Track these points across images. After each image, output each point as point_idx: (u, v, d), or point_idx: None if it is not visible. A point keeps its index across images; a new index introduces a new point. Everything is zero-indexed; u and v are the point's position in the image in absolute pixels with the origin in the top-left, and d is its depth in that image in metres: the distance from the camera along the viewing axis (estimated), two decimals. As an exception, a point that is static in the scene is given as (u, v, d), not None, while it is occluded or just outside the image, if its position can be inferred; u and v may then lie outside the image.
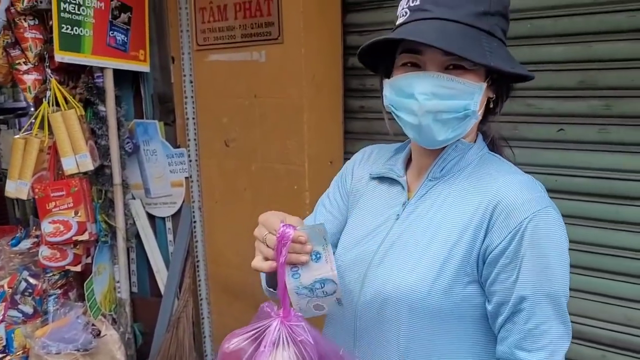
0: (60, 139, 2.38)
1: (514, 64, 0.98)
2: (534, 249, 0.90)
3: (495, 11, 0.96)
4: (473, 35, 0.94)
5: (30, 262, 2.67)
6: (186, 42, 2.57)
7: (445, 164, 1.04)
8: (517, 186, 0.96)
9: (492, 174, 1.00)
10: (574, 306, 1.93)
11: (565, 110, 1.89)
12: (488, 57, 0.93)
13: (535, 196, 0.94)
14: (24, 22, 2.35)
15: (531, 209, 0.91)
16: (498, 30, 0.97)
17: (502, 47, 0.99)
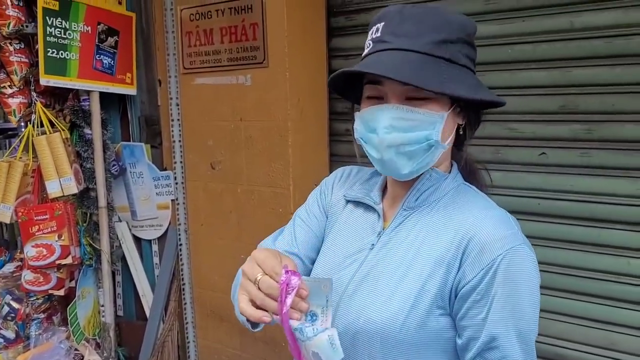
0: (44, 163, 2.37)
1: (478, 90, 0.97)
2: (505, 287, 0.89)
3: (456, 38, 0.96)
4: (432, 64, 0.93)
5: (13, 286, 2.64)
6: (173, 65, 2.58)
7: (420, 194, 1.03)
8: (492, 222, 0.95)
9: (468, 207, 0.99)
10: (555, 329, 1.95)
11: (547, 134, 1.91)
12: (444, 85, 0.92)
13: (509, 233, 0.93)
14: (9, 45, 2.35)
15: (505, 246, 0.90)
16: (461, 57, 0.96)
17: (467, 74, 0.97)
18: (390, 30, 0.96)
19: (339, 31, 2.34)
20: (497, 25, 1.95)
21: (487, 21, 1.96)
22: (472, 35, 0.99)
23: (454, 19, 0.97)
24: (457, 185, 1.05)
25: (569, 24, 1.84)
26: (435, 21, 0.95)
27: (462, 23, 0.97)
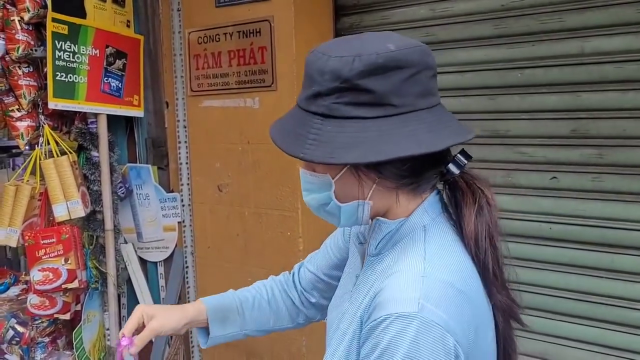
0: (51, 186, 2.36)
1: (351, 149, 0.84)
2: (375, 350, 0.81)
3: (328, 89, 0.85)
4: (305, 122, 0.88)
5: (18, 310, 2.61)
6: (180, 87, 2.58)
7: (377, 242, 0.96)
8: (400, 281, 0.85)
9: (399, 261, 0.90)
10: (569, 356, 1.92)
11: (558, 158, 1.90)
12: (305, 148, 0.85)
13: (405, 297, 0.82)
14: (18, 69, 2.35)
15: (392, 309, 0.81)
16: (341, 108, 0.85)
17: (350, 126, 0.85)
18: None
19: (347, 54, 2.33)
20: (507, 49, 1.95)
21: (497, 45, 1.97)
22: (353, 78, 0.84)
23: (329, 66, 0.85)
24: (418, 226, 0.94)
25: (579, 49, 1.84)
26: (313, 71, 0.88)
27: (335, 70, 0.85)
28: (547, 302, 1.96)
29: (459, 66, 2.05)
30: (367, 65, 0.83)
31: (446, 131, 0.88)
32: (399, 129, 0.84)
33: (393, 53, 0.84)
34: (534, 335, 1.99)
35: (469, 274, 0.88)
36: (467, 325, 0.83)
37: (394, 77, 0.84)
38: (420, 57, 0.87)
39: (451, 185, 0.95)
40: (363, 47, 0.85)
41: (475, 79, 2.03)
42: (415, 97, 0.86)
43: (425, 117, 0.86)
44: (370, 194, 0.91)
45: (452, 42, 2.06)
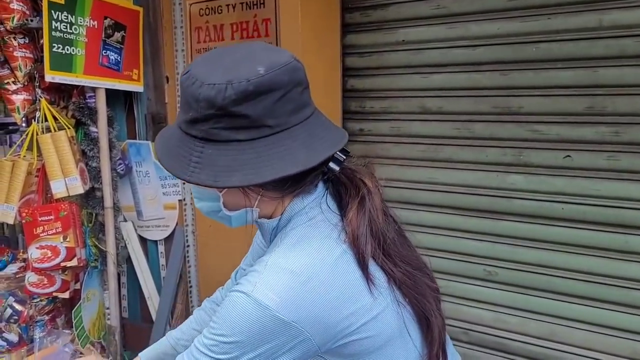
0: (49, 162, 2.30)
1: (232, 174, 0.90)
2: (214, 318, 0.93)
3: (208, 115, 0.89)
4: (186, 144, 0.93)
5: (16, 288, 2.57)
6: (181, 61, 2.51)
7: (269, 240, 1.05)
8: (265, 257, 0.95)
9: (274, 250, 0.97)
10: (577, 337, 1.89)
11: (572, 136, 1.84)
12: (190, 171, 0.91)
13: (255, 279, 0.90)
14: (13, 40, 2.28)
15: (241, 286, 0.90)
16: (220, 132, 0.90)
17: (229, 150, 0.90)
18: None
19: (353, 27, 2.26)
20: (521, 22, 1.88)
21: (510, 18, 1.90)
22: (227, 106, 0.88)
23: (203, 94, 0.88)
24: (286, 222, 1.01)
25: (597, 22, 1.77)
26: (188, 96, 0.91)
27: (208, 98, 0.88)
28: (556, 283, 1.91)
29: (470, 40, 1.98)
30: (239, 93, 0.87)
31: (320, 144, 0.94)
32: (275, 148, 0.91)
33: (263, 78, 0.88)
34: (542, 317, 1.96)
35: (321, 257, 0.93)
36: (304, 305, 0.89)
37: (266, 101, 0.89)
38: (290, 76, 0.91)
39: (334, 181, 1.02)
40: (236, 70, 0.89)
41: (487, 54, 1.95)
42: (289, 115, 0.91)
43: (298, 132, 0.92)
44: (257, 202, 0.99)
45: (464, 15, 1.99)
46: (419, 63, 2.11)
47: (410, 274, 1.02)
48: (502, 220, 1.99)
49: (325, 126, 0.98)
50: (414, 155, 2.17)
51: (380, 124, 2.24)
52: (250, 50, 0.96)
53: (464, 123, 2.03)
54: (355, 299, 0.94)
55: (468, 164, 2.04)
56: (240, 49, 0.97)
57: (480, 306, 2.08)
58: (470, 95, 2.01)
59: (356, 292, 0.94)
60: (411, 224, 2.20)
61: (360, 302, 0.94)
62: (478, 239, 2.05)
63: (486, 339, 2.08)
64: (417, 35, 2.10)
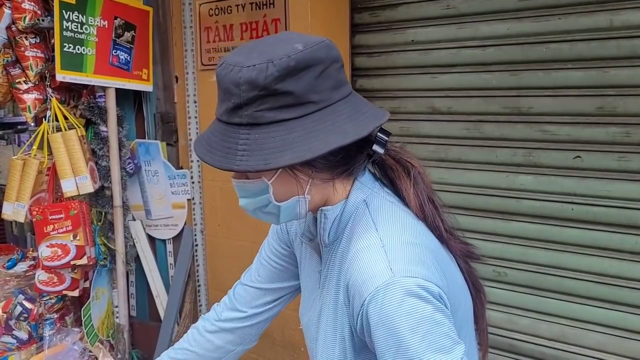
0: (60, 161, 2.32)
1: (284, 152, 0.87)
2: (380, 329, 0.85)
3: (247, 99, 0.87)
4: (230, 135, 0.89)
5: (26, 286, 2.59)
6: (190, 61, 2.52)
7: (327, 231, 1.00)
8: (362, 259, 0.90)
9: (352, 241, 0.95)
10: (589, 339, 1.88)
11: (583, 136, 1.83)
12: (236, 161, 0.88)
13: (374, 271, 0.87)
14: (25, 40, 2.29)
15: (369, 289, 0.86)
16: (265, 114, 0.87)
17: (276, 131, 0.88)
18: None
19: (362, 27, 2.26)
20: (532, 22, 1.88)
21: (521, 18, 1.89)
22: (270, 84, 0.86)
23: (244, 76, 0.87)
24: (357, 210, 0.98)
25: (608, 22, 1.76)
26: (227, 84, 0.88)
27: (250, 80, 0.86)
28: (567, 284, 1.91)
29: (480, 40, 1.98)
30: (281, 70, 0.86)
31: (365, 117, 0.93)
32: (323, 123, 0.89)
33: (302, 53, 0.87)
34: (552, 318, 1.95)
35: (420, 229, 0.95)
36: (436, 270, 0.89)
37: (308, 76, 0.88)
38: (327, 52, 0.91)
39: (380, 163, 1.01)
40: (273, 51, 0.88)
41: (497, 54, 1.95)
42: (330, 91, 0.91)
43: (342, 108, 0.91)
44: (308, 188, 0.95)
45: (474, 15, 1.98)
46: (428, 63, 2.11)
47: (462, 246, 1.04)
48: (512, 220, 1.99)
49: (365, 102, 0.97)
50: (423, 156, 2.17)
51: (390, 124, 2.21)
52: (281, 37, 0.95)
53: (474, 123, 2.03)
54: (451, 266, 0.98)
55: (478, 165, 2.04)
56: (271, 38, 0.97)
57: (491, 307, 2.07)
58: (480, 95, 2.01)
59: (449, 262, 0.98)
60: (420, 224, 2.20)
61: (453, 270, 0.98)
62: (488, 240, 2.05)
63: (496, 340, 2.07)
64: (426, 35, 2.10)
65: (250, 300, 1.26)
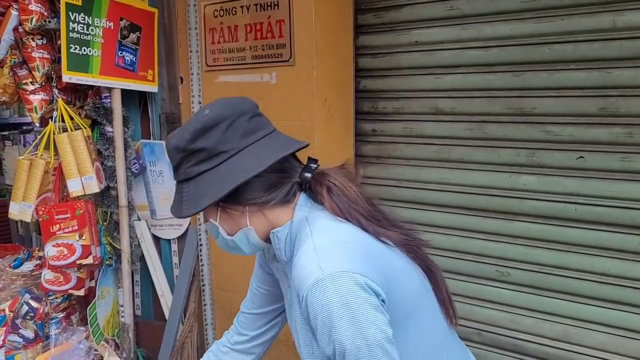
0: (66, 161, 2.33)
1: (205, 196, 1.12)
2: (316, 319, 1.03)
3: (177, 163, 1.15)
4: (178, 191, 1.17)
5: (32, 285, 2.61)
6: (195, 62, 2.54)
7: (283, 250, 1.20)
8: (299, 265, 1.08)
9: (298, 250, 1.13)
10: (592, 339, 1.88)
11: (586, 137, 1.84)
12: (184, 208, 1.14)
13: (307, 271, 1.05)
14: (31, 41, 2.31)
15: (305, 287, 1.03)
16: (192, 171, 1.13)
17: (202, 180, 1.13)
18: None
19: (366, 28, 2.27)
20: (535, 23, 1.88)
21: (524, 19, 1.90)
22: (187, 145, 1.12)
23: (171, 145, 1.15)
24: (302, 219, 1.18)
25: (610, 23, 1.76)
26: (167, 153, 1.18)
27: (175, 146, 1.14)
28: (570, 284, 1.91)
29: (483, 41, 1.99)
30: (192, 133, 1.12)
31: (270, 153, 1.14)
32: (233, 165, 1.12)
33: (207, 116, 1.13)
34: (556, 318, 1.96)
35: (348, 229, 1.13)
36: (365, 262, 1.06)
37: (215, 133, 1.12)
38: (232, 110, 1.14)
39: (310, 186, 1.20)
40: (190, 121, 1.15)
41: (500, 55, 1.96)
42: (240, 139, 1.13)
43: (252, 150, 1.13)
44: (247, 220, 1.18)
45: (477, 16, 1.99)
46: (431, 64, 2.12)
47: (407, 234, 1.22)
48: (515, 221, 2.00)
49: (281, 140, 1.19)
50: (426, 156, 2.18)
51: (393, 125, 2.25)
52: (210, 104, 1.19)
53: (477, 124, 2.04)
54: (385, 253, 1.15)
55: (481, 165, 2.05)
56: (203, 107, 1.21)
57: (493, 307, 2.09)
58: (483, 96, 2.02)
59: (382, 249, 1.15)
60: (423, 224, 2.21)
61: (389, 256, 1.15)
62: (490, 240, 2.06)
63: (499, 340, 2.08)
64: (430, 36, 2.11)
65: (250, 324, 1.49)
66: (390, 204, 2.30)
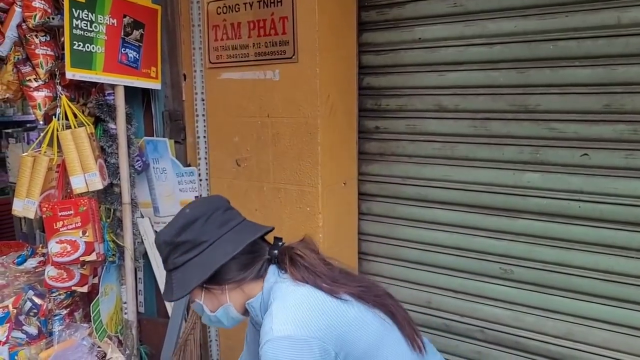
0: (69, 158, 2.34)
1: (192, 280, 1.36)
2: None
3: (165, 255, 1.39)
4: (168, 279, 1.40)
5: (35, 282, 2.62)
6: (198, 59, 2.54)
7: (258, 317, 1.42)
8: (262, 326, 1.31)
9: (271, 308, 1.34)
10: (596, 337, 1.88)
11: (590, 134, 1.83)
12: (174, 293, 1.37)
13: (267, 328, 1.27)
14: (35, 38, 2.32)
15: (264, 339, 1.26)
16: (179, 261, 1.37)
17: (187, 268, 1.36)
18: None
19: (370, 25, 2.27)
20: (539, 20, 1.88)
21: (527, 16, 1.89)
22: (173, 239, 1.37)
23: (160, 239, 1.39)
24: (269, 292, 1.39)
25: (615, 20, 1.76)
26: (157, 247, 1.42)
27: (163, 241, 1.38)
28: (573, 282, 1.91)
29: (487, 38, 1.98)
30: (177, 228, 1.37)
31: (241, 237, 1.39)
32: (213, 252, 1.36)
33: (189, 213, 1.40)
34: (558, 316, 1.96)
35: (304, 292, 1.34)
36: (320, 322, 1.28)
37: (196, 226, 1.37)
38: (207, 206, 1.42)
39: (278, 260, 1.43)
40: (174, 219, 1.41)
41: (504, 52, 1.95)
42: (218, 229, 1.38)
43: (228, 237, 1.38)
44: (227, 297, 1.41)
45: (481, 13, 1.99)
46: (435, 61, 2.11)
47: (364, 287, 1.42)
48: (518, 218, 1.99)
49: (250, 227, 1.44)
50: (429, 153, 2.18)
51: (396, 122, 2.24)
52: (191, 203, 1.47)
53: (481, 121, 2.04)
54: (338, 307, 1.33)
55: (484, 162, 2.04)
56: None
57: (496, 304, 2.08)
58: (487, 93, 2.01)
59: (335, 305, 1.33)
60: (426, 221, 2.21)
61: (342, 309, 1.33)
62: (494, 237, 2.05)
63: (502, 338, 2.08)
64: (433, 33, 2.10)
65: None
66: (393, 201, 2.30)
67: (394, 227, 2.31)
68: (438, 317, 2.23)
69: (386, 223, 2.34)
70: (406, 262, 2.30)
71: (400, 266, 2.32)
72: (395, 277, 2.34)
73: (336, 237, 2.27)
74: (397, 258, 2.32)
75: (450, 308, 2.20)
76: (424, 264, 2.25)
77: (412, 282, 2.29)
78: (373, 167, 2.34)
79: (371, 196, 2.36)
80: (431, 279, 2.23)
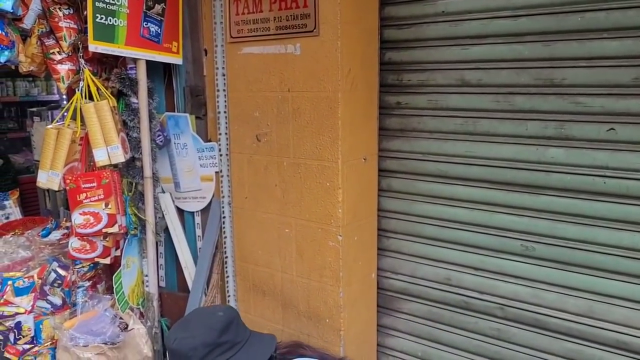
0: (92, 130, 2.36)
1: None
2: None
3: (206, 353, 1.55)
4: None
5: (60, 254, 2.67)
6: (219, 34, 2.53)
7: None
8: None
9: None
10: (617, 314, 1.85)
11: (617, 108, 1.79)
12: None
13: None
14: (59, 11, 2.34)
15: None
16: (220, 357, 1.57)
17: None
18: None
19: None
20: (567, -9, 1.83)
21: (555, -13, 1.85)
22: (214, 342, 1.56)
23: (188, 345, 1.55)
24: None
25: (646, -10, 1.71)
26: (185, 352, 1.57)
27: (198, 344, 1.55)
28: (596, 259, 1.88)
29: (512, 10, 1.94)
30: (219, 330, 1.58)
31: (265, 341, 1.69)
32: (246, 352, 1.61)
33: (225, 315, 1.64)
34: (580, 293, 1.93)
35: None
36: None
37: (232, 327, 1.62)
38: (234, 311, 1.70)
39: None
40: (209, 321, 1.63)
41: (529, 24, 1.91)
42: (244, 332, 1.66)
43: (252, 340, 1.66)
44: None
45: (507, -15, 1.95)
46: (458, 35, 2.08)
47: None
48: (541, 194, 1.96)
49: (257, 333, 1.71)
50: (451, 129, 2.15)
51: (418, 97, 2.22)
52: (203, 312, 1.75)
53: (504, 96, 2.00)
54: None
55: (507, 138, 2.01)
56: (194, 314, 1.74)
57: (517, 282, 2.06)
58: (511, 67, 1.97)
59: None
60: (446, 197, 2.19)
61: None
62: (515, 214, 2.03)
63: (522, 315, 2.06)
64: (457, 6, 2.06)
65: None
66: (413, 177, 2.29)
67: (414, 204, 2.30)
68: (457, 294, 2.22)
69: (406, 200, 2.32)
70: (426, 239, 2.29)
71: (420, 243, 2.31)
72: (415, 254, 2.33)
73: (355, 212, 2.26)
74: (417, 235, 2.31)
75: (470, 285, 2.18)
76: (443, 240, 2.24)
77: (432, 259, 2.28)
78: (394, 143, 2.32)
79: (391, 172, 2.35)
80: (451, 256, 2.22)
